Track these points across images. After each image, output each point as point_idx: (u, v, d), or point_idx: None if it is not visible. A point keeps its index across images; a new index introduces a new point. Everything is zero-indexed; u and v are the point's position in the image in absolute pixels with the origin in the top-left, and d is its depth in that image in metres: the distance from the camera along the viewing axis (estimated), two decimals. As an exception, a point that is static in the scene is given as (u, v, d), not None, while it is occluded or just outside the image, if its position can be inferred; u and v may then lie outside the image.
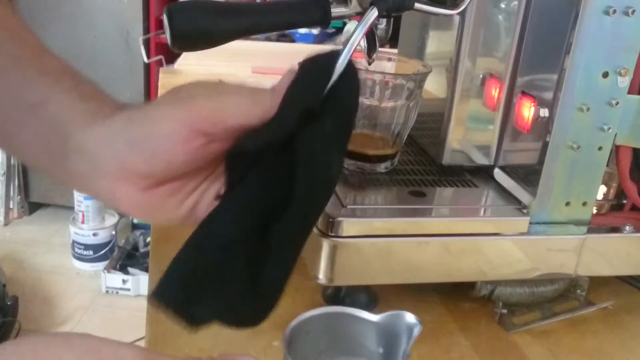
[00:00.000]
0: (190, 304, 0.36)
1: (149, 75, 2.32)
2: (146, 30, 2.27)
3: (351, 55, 0.38)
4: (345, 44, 0.39)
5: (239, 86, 0.38)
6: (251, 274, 0.37)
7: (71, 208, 2.24)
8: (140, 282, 2.05)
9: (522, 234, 0.55)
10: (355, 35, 0.40)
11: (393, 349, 0.41)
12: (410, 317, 0.40)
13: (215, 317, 0.37)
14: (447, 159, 0.62)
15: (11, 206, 2.50)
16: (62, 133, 0.37)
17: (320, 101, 0.37)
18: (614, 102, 0.52)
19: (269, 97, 0.37)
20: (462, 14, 0.57)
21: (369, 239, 0.51)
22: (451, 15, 0.57)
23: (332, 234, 0.50)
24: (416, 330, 0.39)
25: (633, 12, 0.49)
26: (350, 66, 0.38)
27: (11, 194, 2.49)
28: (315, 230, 0.51)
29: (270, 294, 0.37)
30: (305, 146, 0.37)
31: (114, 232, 2.23)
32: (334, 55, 0.38)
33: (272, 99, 0.38)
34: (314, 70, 0.38)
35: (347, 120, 0.39)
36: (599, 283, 0.63)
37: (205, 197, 0.41)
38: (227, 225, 0.37)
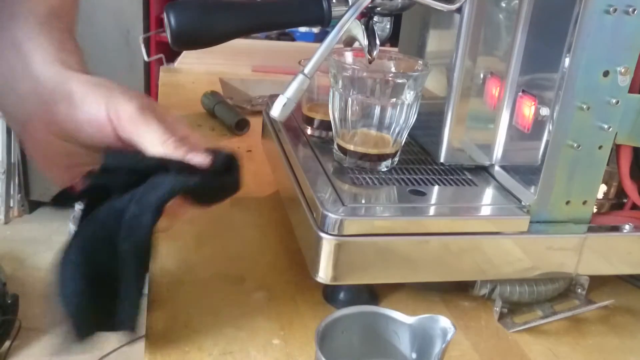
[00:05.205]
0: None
1: (149, 74, 2.32)
2: (146, 28, 2.27)
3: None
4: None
5: (104, 100, 0.46)
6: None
7: (71, 206, 2.23)
8: (140, 281, 2.05)
9: (522, 232, 0.55)
10: (344, 19, 0.41)
11: (425, 353, 0.40)
12: (444, 321, 0.40)
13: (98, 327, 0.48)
14: (447, 157, 0.62)
15: (11, 204, 2.50)
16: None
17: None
18: (614, 101, 0.52)
19: (120, 132, 0.45)
20: (462, 13, 0.57)
21: (369, 238, 0.51)
22: (449, 11, 0.57)
23: (333, 233, 0.50)
24: (450, 335, 0.39)
25: (634, 11, 0.49)
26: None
27: (11, 192, 2.49)
28: (315, 229, 0.51)
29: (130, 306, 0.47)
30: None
31: (114, 231, 2.23)
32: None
33: (119, 137, 0.45)
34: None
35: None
36: (599, 282, 0.64)
37: (79, 169, 0.49)
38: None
